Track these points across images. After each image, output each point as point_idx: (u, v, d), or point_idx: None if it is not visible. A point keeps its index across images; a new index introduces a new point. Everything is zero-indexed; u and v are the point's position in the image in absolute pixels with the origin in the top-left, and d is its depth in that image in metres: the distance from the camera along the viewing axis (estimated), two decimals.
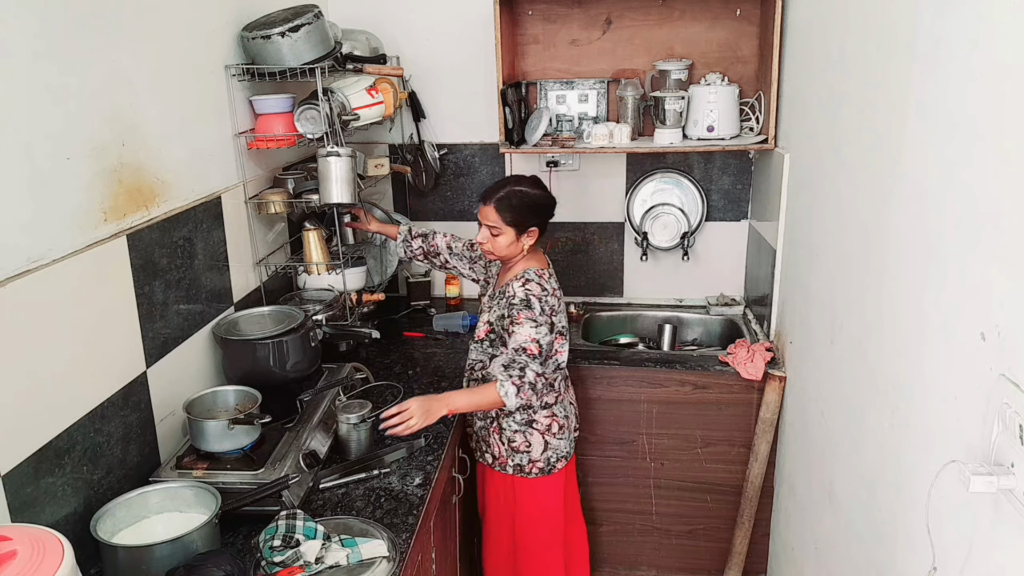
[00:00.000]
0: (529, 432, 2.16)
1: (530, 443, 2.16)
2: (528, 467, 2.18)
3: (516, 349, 1.99)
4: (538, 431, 2.16)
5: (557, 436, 2.19)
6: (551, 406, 2.17)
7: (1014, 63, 1.05)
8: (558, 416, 2.19)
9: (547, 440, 2.17)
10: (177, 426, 1.90)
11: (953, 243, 1.23)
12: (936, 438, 1.29)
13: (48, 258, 1.46)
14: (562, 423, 2.19)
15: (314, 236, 2.42)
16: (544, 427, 2.17)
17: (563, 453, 2.22)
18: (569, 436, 2.24)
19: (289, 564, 1.44)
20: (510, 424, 2.16)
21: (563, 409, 2.21)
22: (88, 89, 1.58)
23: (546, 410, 2.17)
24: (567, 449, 2.23)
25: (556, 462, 2.21)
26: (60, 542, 1.11)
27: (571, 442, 2.27)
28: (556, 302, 2.09)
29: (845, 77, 1.82)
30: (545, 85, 2.89)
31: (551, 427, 2.17)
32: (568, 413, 2.24)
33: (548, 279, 2.10)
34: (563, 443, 2.21)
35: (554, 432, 2.18)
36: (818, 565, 1.99)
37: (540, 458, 2.18)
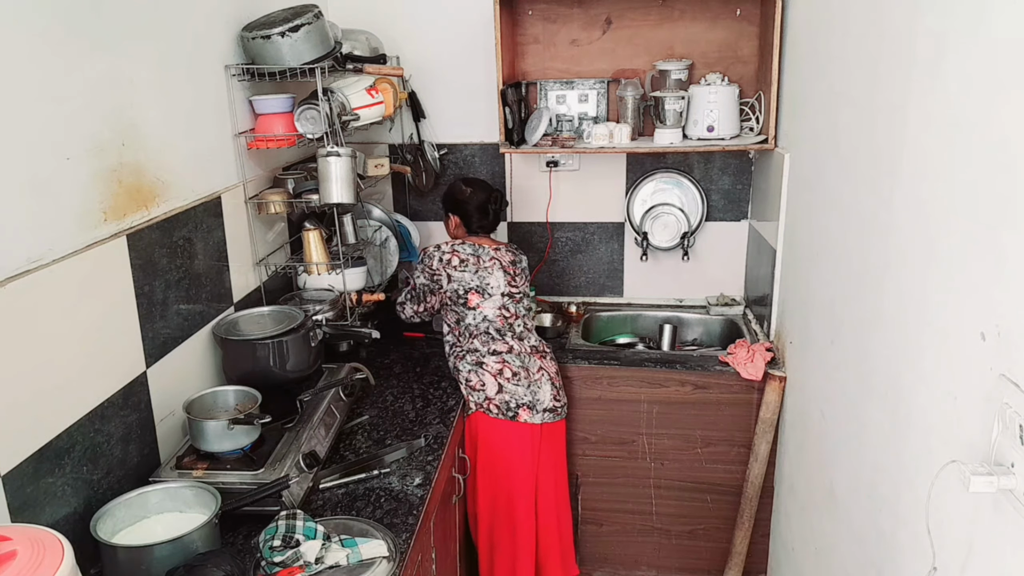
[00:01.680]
0: (480, 372, 2.35)
1: (483, 382, 2.34)
2: (486, 404, 2.33)
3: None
4: (488, 372, 2.35)
5: (512, 382, 2.35)
6: (500, 353, 2.37)
7: (1014, 63, 1.05)
8: (510, 364, 2.36)
9: (500, 383, 2.34)
10: (177, 426, 1.90)
11: (953, 243, 1.23)
12: (936, 438, 1.29)
13: (48, 258, 1.46)
14: (516, 371, 2.36)
15: (314, 236, 2.42)
16: (495, 371, 2.35)
17: (524, 401, 2.34)
18: (530, 391, 2.35)
19: (289, 564, 1.44)
20: (464, 367, 2.38)
21: (518, 360, 2.38)
22: (88, 89, 1.58)
23: (495, 356, 2.37)
24: (529, 400, 2.34)
25: (517, 408, 2.33)
26: (60, 542, 1.11)
27: (539, 404, 2.35)
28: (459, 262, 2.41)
29: (845, 77, 1.82)
30: (545, 85, 2.89)
31: (503, 372, 2.35)
32: (529, 370, 2.39)
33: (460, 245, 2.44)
34: (520, 390, 2.34)
35: (507, 377, 2.35)
36: (818, 565, 1.99)
37: (496, 398, 2.33)
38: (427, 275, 2.45)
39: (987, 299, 1.12)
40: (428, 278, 2.45)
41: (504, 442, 2.34)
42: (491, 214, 2.49)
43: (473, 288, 2.41)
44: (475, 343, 2.40)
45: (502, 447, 2.35)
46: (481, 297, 2.41)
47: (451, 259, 2.41)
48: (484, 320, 2.40)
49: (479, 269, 2.41)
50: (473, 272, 2.41)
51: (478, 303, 2.41)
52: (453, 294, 2.41)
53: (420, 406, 2.25)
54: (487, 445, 2.35)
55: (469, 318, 2.41)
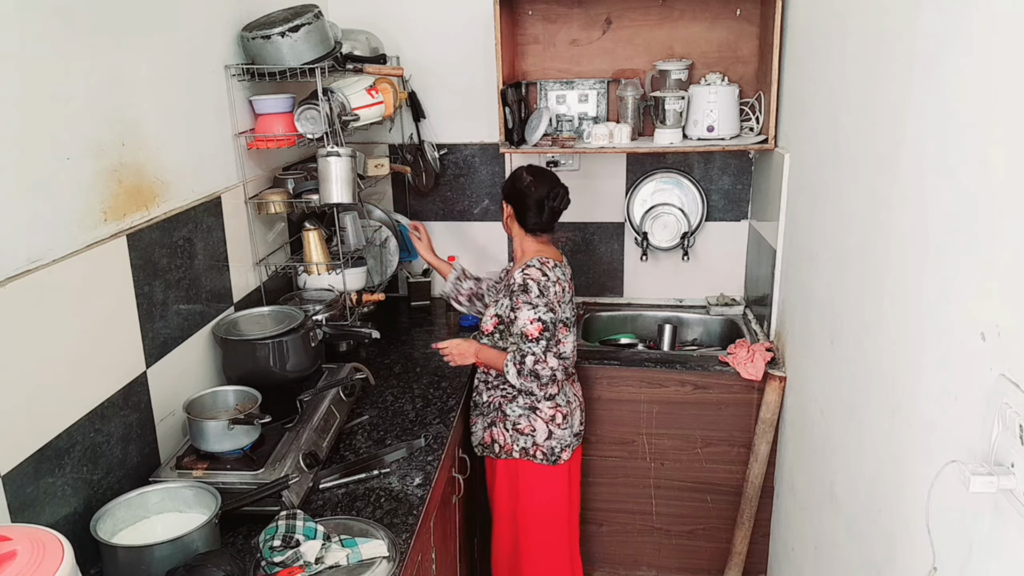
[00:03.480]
0: (532, 418, 2.23)
1: (534, 428, 2.23)
2: (533, 450, 2.24)
3: (518, 335, 2.09)
4: (541, 419, 2.23)
5: (561, 427, 2.25)
6: (554, 396, 2.24)
7: (1013, 63, 1.05)
8: (561, 406, 2.25)
9: (551, 429, 2.23)
10: (177, 426, 1.90)
11: (953, 243, 1.23)
12: (936, 438, 1.29)
13: (48, 258, 1.46)
14: (565, 413, 2.25)
15: (314, 236, 2.42)
16: (548, 416, 2.23)
17: (567, 443, 2.27)
18: (572, 428, 2.27)
19: (289, 564, 1.44)
20: (514, 410, 2.24)
21: (565, 398, 2.26)
22: (88, 89, 1.58)
23: (550, 401, 2.24)
24: (570, 440, 2.27)
25: (561, 452, 2.26)
26: (60, 542, 1.11)
27: (575, 436, 2.30)
28: (560, 290, 2.15)
29: (845, 77, 1.82)
30: (545, 85, 2.89)
31: (555, 417, 2.24)
32: (571, 401, 2.28)
33: (552, 268, 2.16)
34: (566, 433, 2.26)
35: (558, 423, 2.25)
36: (818, 565, 1.99)
37: (544, 444, 2.23)
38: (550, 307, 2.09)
39: (987, 299, 1.12)
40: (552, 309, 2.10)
41: (545, 487, 2.27)
42: (546, 212, 2.21)
43: (563, 321, 2.16)
44: (533, 386, 2.15)
45: (543, 492, 2.27)
46: (567, 331, 2.19)
47: (559, 290, 2.13)
48: (560, 359, 2.15)
49: (571, 296, 2.21)
50: (568, 302, 2.18)
51: (560, 339, 2.16)
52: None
53: (420, 406, 2.25)
54: (514, 488, 2.28)
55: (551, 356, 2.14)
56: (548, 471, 2.26)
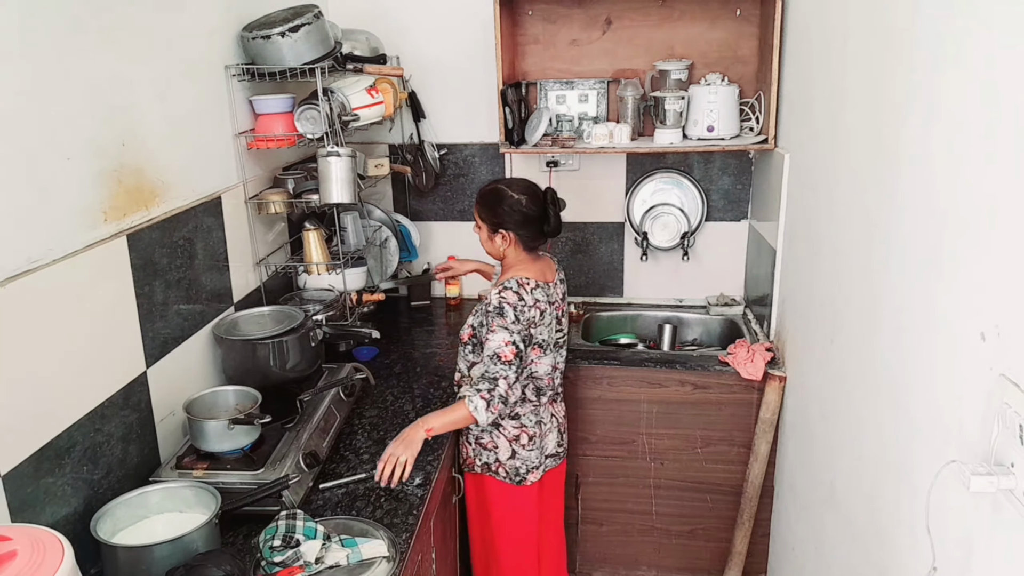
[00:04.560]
0: (495, 435, 2.14)
1: (496, 445, 2.14)
2: (495, 467, 2.15)
3: (491, 356, 1.98)
4: (504, 436, 2.14)
5: (526, 447, 2.15)
6: (519, 416, 2.14)
7: (1013, 62, 1.05)
8: (527, 427, 2.14)
9: (514, 449, 2.14)
10: (177, 426, 1.90)
11: (953, 242, 1.23)
12: (936, 438, 1.29)
13: (48, 258, 1.46)
14: (531, 434, 2.15)
15: (314, 236, 2.42)
16: (511, 436, 2.14)
17: (533, 465, 2.17)
18: (541, 449, 2.18)
19: (289, 564, 1.44)
20: (473, 427, 2.12)
21: (534, 419, 2.16)
22: (88, 89, 1.58)
23: (514, 420, 2.14)
24: (538, 462, 2.17)
25: (526, 473, 2.16)
26: (60, 542, 1.11)
27: (551, 457, 2.22)
28: (536, 314, 2.04)
29: (845, 77, 1.82)
30: (545, 85, 2.89)
31: (519, 437, 2.14)
32: (545, 423, 2.18)
33: (532, 289, 2.04)
34: (533, 455, 2.16)
35: (523, 443, 2.14)
36: (818, 565, 1.99)
37: (507, 463, 2.15)
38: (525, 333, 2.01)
39: (987, 299, 1.12)
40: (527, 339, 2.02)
41: (509, 506, 2.19)
42: (548, 230, 2.10)
43: (538, 343, 2.10)
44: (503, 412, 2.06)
45: (507, 511, 2.20)
46: (540, 352, 2.11)
47: (535, 315, 2.04)
48: (528, 377, 2.12)
49: (551, 320, 2.12)
50: (547, 325, 2.10)
51: (533, 359, 2.11)
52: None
53: (420, 406, 2.25)
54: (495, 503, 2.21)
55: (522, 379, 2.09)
56: (513, 490, 2.17)
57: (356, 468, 1.92)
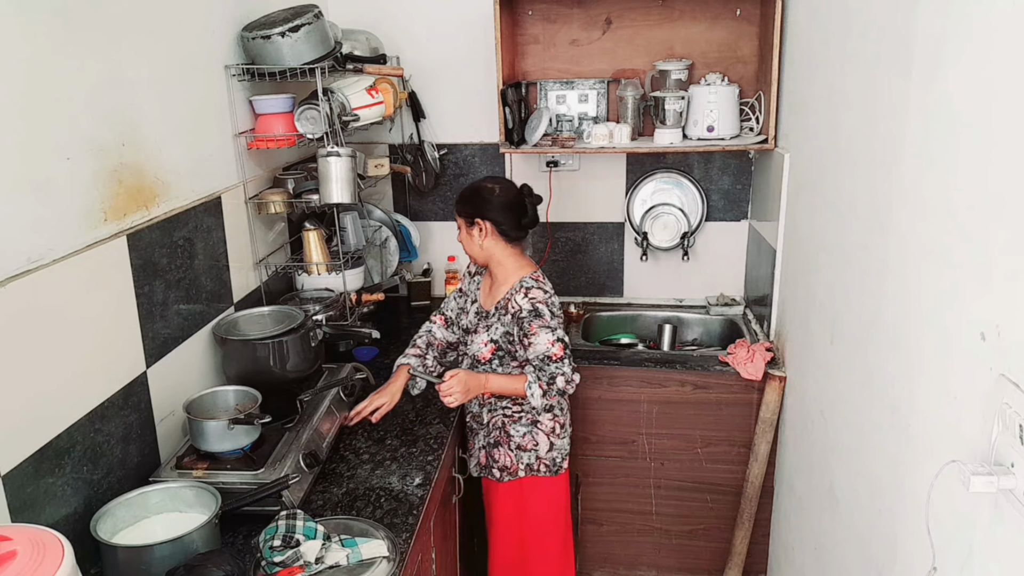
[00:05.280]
0: (535, 432, 2.18)
1: (537, 442, 2.19)
2: (537, 464, 2.20)
3: (542, 359, 2.03)
4: (543, 432, 2.19)
5: (559, 436, 2.22)
6: (552, 407, 2.20)
7: (1013, 62, 1.05)
8: (559, 416, 2.21)
9: (552, 441, 2.20)
10: (177, 426, 1.90)
11: (953, 243, 1.23)
12: (936, 438, 1.29)
13: (48, 258, 1.46)
14: (562, 421, 2.23)
15: (314, 236, 2.42)
16: (548, 429, 2.19)
17: (565, 452, 2.25)
18: (568, 434, 2.26)
19: (289, 564, 1.44)
20: (517, 430, 2.18)
21: (560, 406, 2.22)
22: (88, 89, 1.58)
23: (548, 412, 2.20)
24: (568, 448, 2.26)
25: (561, 462, 2.24)
26: (60, 542, 1.11)
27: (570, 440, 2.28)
28: (558, 300, 2.13)
29: (845, 77, 1.82)
30: (545, 85, 2.89)
31: (554, 429, 2.21)
32: (565, 408, 2.25)
33: (545, 280, 2.12)
34: (564, 442, 2.24)
35: (557, 433, 2.21)
36: (818, 565, 1.99)
37: (546, 456, 2.20)
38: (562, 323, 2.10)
39: (987, 299, 1.12)
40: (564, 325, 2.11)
41: (551, 498, 2.24)
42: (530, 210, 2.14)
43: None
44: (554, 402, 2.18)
45: (549, 504, 2.24)
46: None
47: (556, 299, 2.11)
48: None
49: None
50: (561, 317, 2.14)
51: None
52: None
53: (420, 406, 2.25)
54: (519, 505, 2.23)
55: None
56: (552, 482, 2.23)
57: (356, 468, 1.92)
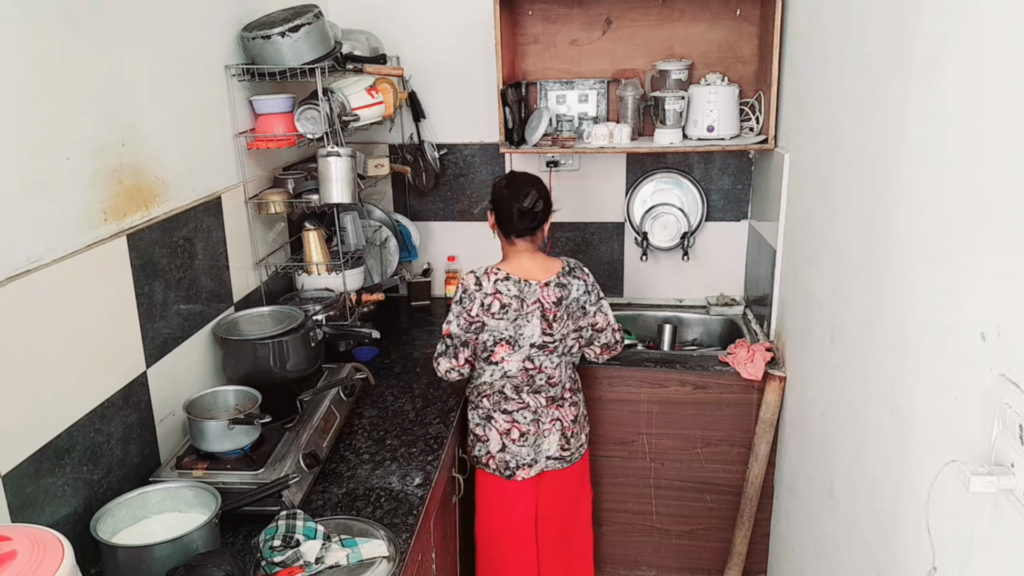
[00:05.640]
0: (488, 427, 2.21)
1: (488, 437, 2.21)
2: (485, 458, 2.22)
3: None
4: (496, 429, 2.20)
5: (517, 443, 2.19)
6: (511, 412, 2.18)
7: (1013, 62, 1.05)
8: (520, 424, 2.18)
9: (505, 443, 2.19)
10: (177, 426, 1.90)
11: (953, 243, 1.23)
12: (936, 438, 1.29)
13: (48, 258, 1.46)
14: (524, 431, 2.18)
15: (314, 236, 2.42)
16: (503, 429, 2.19)
17: (525, 461, 2.19)
18: (536, 447, 2.20)
19: (289, 564, 1.44)
20: (473, 417, 2.24)
21: (529, 416, 2.18)
22: (88, 89, 1.58)
23: (506, 415, 2.18)
24: (530, 458, 2.19)
25: (517, 469, 2.20)
26: (60, 542, 1.11)
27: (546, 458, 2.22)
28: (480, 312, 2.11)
29: (845, 77, 1.82)
30: (545, 85, 2.89)
31: (510, 432, 2.19)
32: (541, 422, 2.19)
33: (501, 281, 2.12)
34: (525, 451, 2.19)
35: (514, 438, 2.19)
36: (818, 565, 1.99)
37: (496, 456, 2.21)
38: (465, 322, 2.10)
39: (987, 299, 1.12)
40: (466, 326, 2.11)
41: (500, 497, 2.25)
42: (516, 218, 2.12)
43: (504, 339, 2.11)
44: (484, 402, 2.19)
45: (497, 503, 2.26)
46: (510, 349, 2.12)
47: (492, 303, 2.08)
48: (503, 377, 2.15)
49: (519, 316, 2.10)
50: (512, 320, 2.10)
51: (503, 357, 2.12)
52: (481, 345, 2.13)
53: (420, 406, 2.25)
54: (485, 494, 2.28)
55: (487, 375, 2.15)
56: (499, 483, 2.22)
57: (356, 468, 1.92)
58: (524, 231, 2.15)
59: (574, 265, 2.21)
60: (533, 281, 2.12)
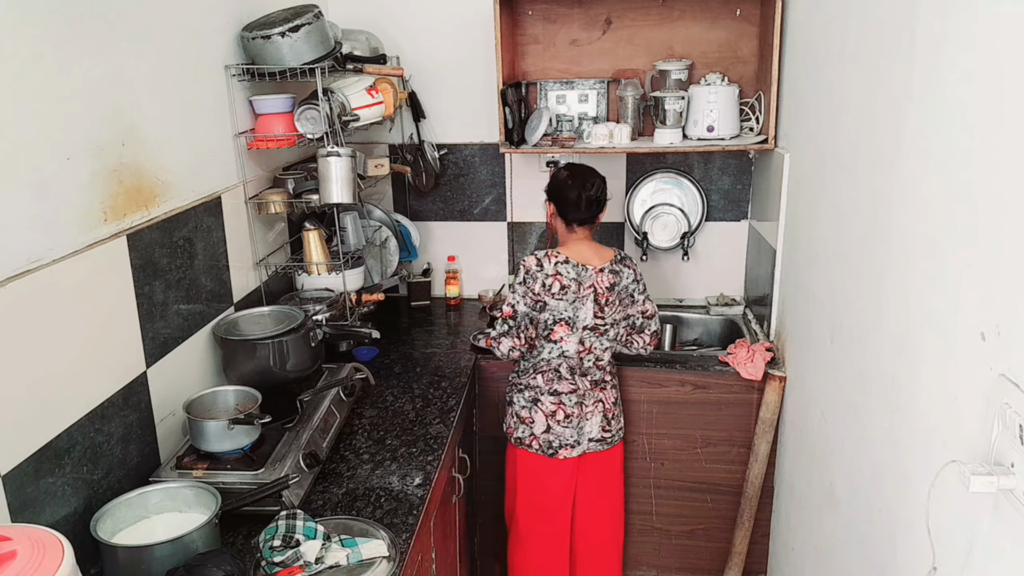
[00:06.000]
0: (534, 410, 2.31)
1: (534, 420, 2.31)
2: (529, 440, 2.32)
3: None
4: (542, 412, 2.29)
5: (562, 424, 2.30)
6: (560, 394, 2.29)
7: (1013, 62, 1.05)
8: (566, 406, 2.29)
9: (550, 424, 2.29)
10: (177, 426, 1.90)
11: (953, 243, 1.23)
12: (936, 438, 1.29)
13: (48, 258, 1.46)
14: (569, 412, 2.29)
15: (314, 236, 2.42)
16: (549, 411, 2.29)
17: (568, 442, 2.31)
18: (579, 429, 2.31)
19: (289, 564, 1.44)
20: (520, 400, 2.34)
21: (575, 399, 2.30)
22: (88, 89, 1.58)
23: (553, 397, 2.29)
24: (573, 439, 2.31)
25: (559, 448, 2.31)
26: (60, 542, 1.11)
27: (580, 432, 2.31)
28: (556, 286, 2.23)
29: (844, 77, 1.82)
30: (545, 85, 2.89)
31: (556, 413, 2.29)
32: (584, 405, 2.31)
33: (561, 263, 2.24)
34: (569, 432, 2.30)
35: (559, 419, 2.29)
36: (818, 565, 1.99)
37: (541, 436, 2.30)
38: (530, 300, 2.22)
39: (987, 299, 1.12)
40: (531, 304, 2.22)
41: (539, 476, 2.35)
42: (584, 206, 2.25)
43: (564, 319, 2.24)
44: (538, 379, 2.28)
45: (536, 481, 2.36)
46: (569, 330, 2.24)
47: (553, 284, 2.21)
48: (561, 356, 2.26)
49: (577, 298, 2.23)
50: (570, 302, 2.22)
51: (562, 336, 2.24)
52: (542, 324, 2.25)
53: (420, 406, 2.25)
54: (523, 475, 2.36)
55: (546, 352, 2.27)
56: (543, 462, 2.32)
57: (356, 468, 1.92)
58: (586, 219, 2.29)
59: (624, 255, 2.35)
60: (589, 266, 2.25)
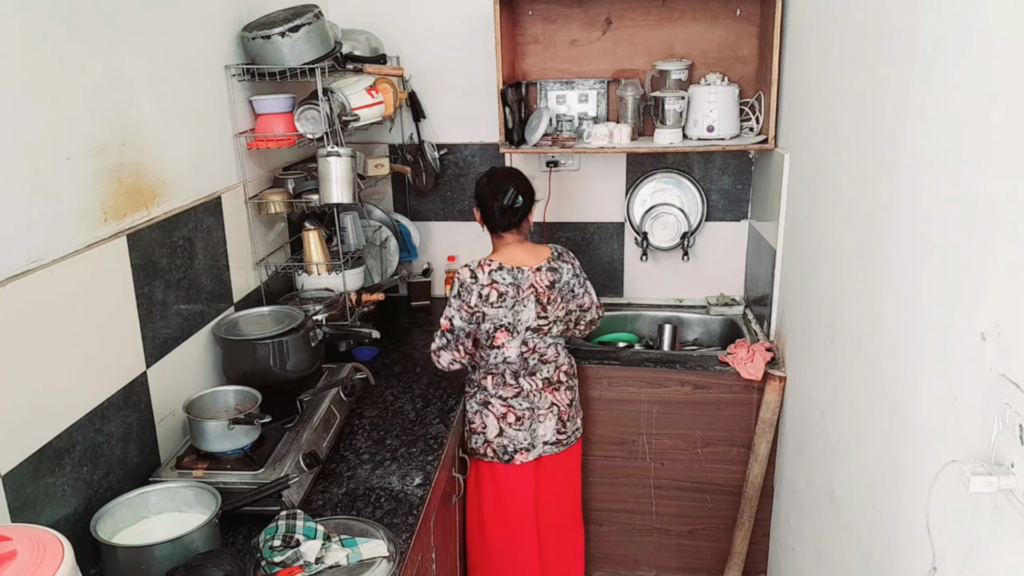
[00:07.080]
0: (484, 414, 2.27)
1: (485, 424, 2.27)
2: (483, 448, 2.28)
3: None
4: (493, 415, 2.26)
5: (514, 427, 2.26)
6: (507, 398, 2.25)
7: (1013, 62, 1.05)
8: (515, 408, 2.26)
9: (501, 427, 2.26)
10: (177, 426, 1.90)
11: (953, 243, 1.23)
12: (936, 438, 1.29)
13: (48, 258, 1.46)
14: (520, 415, 2.26)
15: (314, 236, 2.42)
16: (499, 414, 2.26)
17: (522, 445, 2.27)
18: (532, 432, 2.27)
19: (289, 564, 1.44)
20: (471, 405, 2.30)
21: (526, 402, 2.26)
22: (88, 89, 1.58)
23: (502, 401, 2.26)
24: (527, 442, 2.27)
25: (514, 453, 2.27)
26: (60, 542, 1.11)
27: (533, 434, 2.28)
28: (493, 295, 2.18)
29: (845, 77, 1.82)
30: (545, 85, 2.89)
31: (506, 416, 2.26)
32: (537, 408, 2.27)
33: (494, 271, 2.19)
34: (521, 435, 2.27)
35: (510, 422, 2.26)
36: (818, 565, 1.99)
37: (494, 441, 2.27)
38: (466, 314, 2.18)
39: (987, 299, 1.12)
40: (467, 318, 2.18)
41: (500, 484, 2.31)
42: (498, 215, 2.21)
43: (504, 326, 2.20)
44: (487, 382, 2.26)
45: (498, 489, 2.32)
46: (509, 335, 2.21)
47: (490, 294, 2.16)
48: (504, 362, 2.23)
49: (516, 303, 2.18)
50: (509, 307, 2.18)
51: (504, 342, 2.21)
52: (484, 334, 2.21)
53: (420, 406, 2.25)
54: (485, 484, 2.33)
55: (492, 357, 2.24)
56: (500, 469, 2.29)
57: (356, 468, 1.92)
58: (509, 225, 2.25)
59: (562, 251, 2.32)
60: (525, 268, 2.21)
